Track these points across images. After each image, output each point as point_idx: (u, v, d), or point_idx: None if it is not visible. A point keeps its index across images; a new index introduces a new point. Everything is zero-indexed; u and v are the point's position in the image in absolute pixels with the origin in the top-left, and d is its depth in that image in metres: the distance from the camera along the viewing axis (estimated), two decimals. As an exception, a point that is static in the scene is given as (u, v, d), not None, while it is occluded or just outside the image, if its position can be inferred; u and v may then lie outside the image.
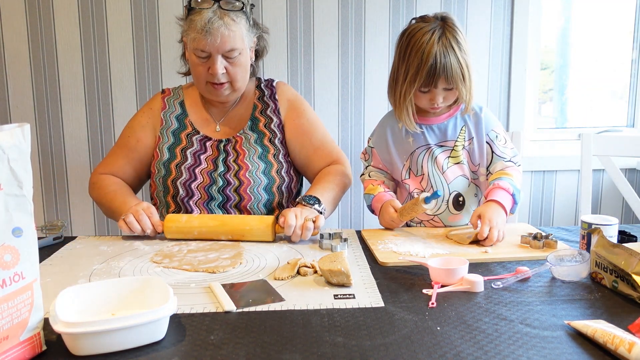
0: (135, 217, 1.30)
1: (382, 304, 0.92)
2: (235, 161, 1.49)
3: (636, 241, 1.20)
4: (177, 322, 0.85)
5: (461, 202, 1.43)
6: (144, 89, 2.16)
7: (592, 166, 1.82)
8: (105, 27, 2.11)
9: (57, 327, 0.73)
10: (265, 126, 1.54)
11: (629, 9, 2.35)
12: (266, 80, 1.60)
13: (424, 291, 0.97)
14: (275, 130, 1.54)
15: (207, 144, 1.51)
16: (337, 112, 2.21)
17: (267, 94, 1.57)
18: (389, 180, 1.50)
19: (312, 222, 1.27)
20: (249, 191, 1.47)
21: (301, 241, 1.28)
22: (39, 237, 1.26)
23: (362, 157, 1.55)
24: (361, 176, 1.54)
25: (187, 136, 1.52)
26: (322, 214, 1.34)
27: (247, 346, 0.77)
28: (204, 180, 1.48)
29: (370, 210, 1.45)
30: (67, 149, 2.18)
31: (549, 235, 1.22)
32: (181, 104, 1.56)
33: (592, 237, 1.04)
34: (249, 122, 1.54)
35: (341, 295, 0.96)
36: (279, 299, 0.94)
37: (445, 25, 1.31)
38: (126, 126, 1.58)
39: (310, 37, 2.15)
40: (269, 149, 1.52)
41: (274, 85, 1.59)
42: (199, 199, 1.48)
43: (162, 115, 1.55)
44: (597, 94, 2.46)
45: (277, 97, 1.57)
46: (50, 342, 0.79)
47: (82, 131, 2.18)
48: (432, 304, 0.91)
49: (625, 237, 1.21)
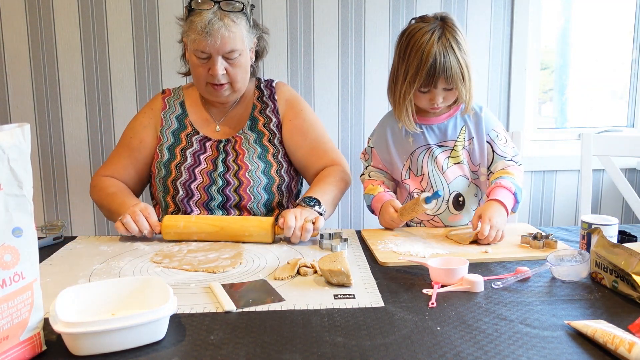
0: (132, 217, 1.29)
1: (382, 304, 0.92)
2: (234, 161, 1.49)
3: (636, 241, 1.20)
4: (177, 322, 0.85)
5: (461, 202, 1.43)
6: (144, 89, 2.16)
7: (592, 166, 1.83)
8: (105, 27, 2.11)
9: (57, 327, 0.73)
10: (264, 126, 1.54)
11: (629, 9, 2.35)
12: (266, 80, 1.60)
13: (424, 291, 0.97)
14: (274, 129, 1.54)
15: (207, 144, 1.51)
16: (337, 112, 2.21)
17: (266, 94, 1.57)
18: (388, 180, 1.50)
19: (312, 224, 1.26)
20: (248, 191, 1.47)
21: (301, 241, 1.28)
22: (39, 237, 1.26)
23: (362, 157, 1.55)
24: (361, 176, 1.54)
25: (187, 136, 1.52)
26: (322, 216, 1.34)
27: (247, 346, 0.77)
28: (203, 180, 1.48)
29: (370, 210, 1.45)
30: (67, 149, 2.18)
31: (549, 235, 1.22)
32: (181, 104, 1.56)
33: (592, 237, 1.04)
34: (248, 122, 1.54)
35: (341, 295, 0.96)
36: (279, 299, 0.94)
37: (445, 25, 1.31)
38: (127, 127, 1.58)
39: (310, 37, 2.15)
40: (268, 148, 1.52)
41: (274, 85, 1.59)
42: (198, 199, 1.48)
43: (162, 115, 1.55)
44: (597, 94, 2.46)
45: (276, 97, 1.57)
46: (50, 342, 0.79)
47: (82, 131, 2.18)
48: (432, 304, 0.91)
49: (625, 237, 1.21)
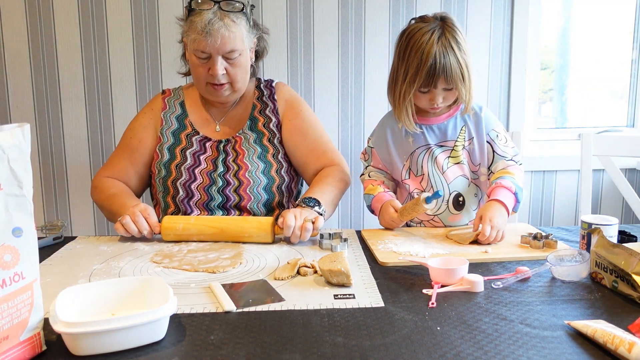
0: (131, 218, 1.29)
1: (382, 304, 0.92)
2: (234, 161, 1.49)
3: (636, 241, 1.20)
4: (177, 322, 0.85)
5: (461, 202, 1.43)
6: (144, 89, 2.16)
7: (592, 166, 1.82)
8: (105, 27, 2.11)
9: (57, 327, 0.73)
10: (264, 126, 1.54)
11: (629, 9, 2.35)
12: (266, 80, 1.60)
13: (424, 291, 0.97)
14: (274, 129, 1.54)
15: (207, 145, 1.51)
16: (337, 112, 2.21)
17: (266, 94, 1.57)
18: (388, 180, 1.50)
19: (312, 223, 1.26)
20: (248, 191, 1.47)
21: (301, 241, 1.28)
22: (39, 237, 1.26)
23: (362, 157, 1.55)
24: (361, 176, 1.54)
25: (187, 137, 1.52)
26: (322, 216, 1.34)
27: (247, 346, 0.77)
28: (203, 180, 1.48)
29: (370, 210, 1.45)
30: (67, 149, 2.18)
31: (549, 235, 1.22)
32: (181, 105, 1.56)
33: (592, 237, 1.04)
34: (248, 122, 1.54)
35: (341, 295, 0.96)
36: (279, 299, 0.94)
37: (444, 25, 1.31)
38: (128, 127, 1.58)
39: (310, 37, 2.15)
40: (268, 148, 1.52)
41: (274, 85, 1.59)
42: (198, 199, 1.48)
43: (162, 115, 1.55)
44: (597, 94, 2.46)
45: (276, 97, 1.57)
46: (50, 342, 0.79)
47: (82, 131, 2.18)
48: (432, 304, 0.91)
49: (625, 237, 1.21)
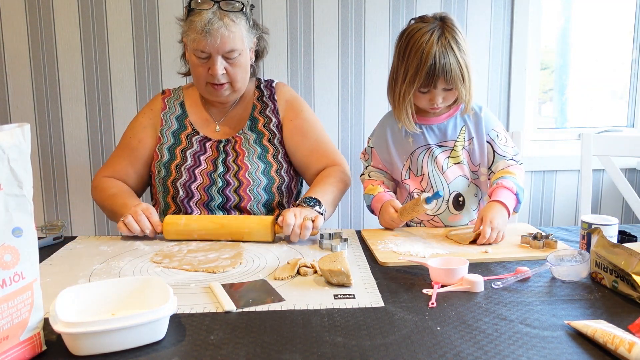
0: (134, 217, 1.30)
1: (382, 304, 0.92)
2: (234, 161, 1.49)
3: (636, 241, 1.20)
4: (177, 322, 0.85)
5: (461, 202, 1.43)
6: (144, 89, 2.16)
7: (592, 166, 1.82)
8: (105, 27, 2.11)
9: (57, 327, 0.73)
10: (264, 126, 1.54)
11: (629, 9, 2.35)
12: (266, 80, 1.60)
13: (424, 291, 0.97)
14: (274, 130, 1.54)
15: (207, 145, 1.51)
16: (337, 112, 2.21)
17: (266, 94, 1.57)
18: (388, 180, 1.50)
19: (311, 222, 1.26)
20: (248, 191, 1.47)
21: (301, 241, 1.28)
22: (39, 237, 1.26)
23: (362, 157, 1.55)
24: (361, 176, 1.54)
25: (187, 137, 1.52)
26: (322, 215, 1.34)
27: (247, 346, 0.77)
28: (203, 181, 1.48)
29: (370, 210, 1.45)
30: (67, 149, 2.18)
31: (549, 235, 1.22)
32: (181, 105, 1.56)
33: (592, 237, 1.04)
34: (248, 122, 1.54)
35: (341, 295, 0.96)
36: (279, 299, 0.94)
37: (444, 25, 1.31)
38: (127, 128, 1.58)
39: (310, 37, 2.15)
40: (268, 149, 1.52)
41: (274, 85, 1.59)
42: (198, 199, 1.48)
43: (162, 115, 1.55)
44: (597, 94, 2.46)
45: (276, 98, 1.57)
46: (50, 342, 0.79)
47: (82, 131, 2.18)
48: (432, 304, 0.91)
49: (625, 237, 1.21)
